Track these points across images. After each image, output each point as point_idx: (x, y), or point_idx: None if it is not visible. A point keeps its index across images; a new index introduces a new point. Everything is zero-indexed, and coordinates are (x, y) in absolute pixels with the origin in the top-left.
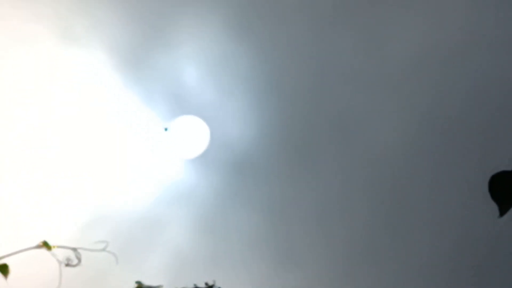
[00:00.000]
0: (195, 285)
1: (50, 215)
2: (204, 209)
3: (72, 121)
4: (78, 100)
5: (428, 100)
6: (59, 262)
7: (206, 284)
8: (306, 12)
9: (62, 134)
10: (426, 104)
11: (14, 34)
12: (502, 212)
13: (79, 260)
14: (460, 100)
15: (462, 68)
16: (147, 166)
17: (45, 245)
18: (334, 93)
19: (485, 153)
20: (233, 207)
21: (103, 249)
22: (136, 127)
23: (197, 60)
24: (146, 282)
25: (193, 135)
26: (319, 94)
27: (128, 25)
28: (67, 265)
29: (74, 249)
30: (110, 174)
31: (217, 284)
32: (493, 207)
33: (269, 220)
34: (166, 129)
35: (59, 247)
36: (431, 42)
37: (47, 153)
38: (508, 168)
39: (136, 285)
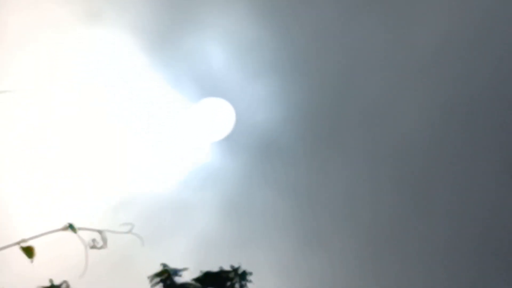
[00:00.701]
0: (220, 267)
1: (76, 198)
2: (231, 192)
3: (99, 103)
4: (105, 82)
5: (454, 86)
6: (85, 245)
7: (232, 267)
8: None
9: (89, 116)
10: (453, 90)
11: (41, 17)
12: None
13: (105, 242)
14: (487, 86)
15: (489, 54)
16: (174, 149)
17: (71, 227)
18: (361, 77)
19: (511, 139)
20: (260, 190)
21: (129, 231)
22: (163, 109)
23: (224, 43)
24: (171, 265)
25: (219, 117)
26: (347, 78)
27: (155, 7)
28: (92, 247)
29: (100, 232)
30: (136, 157)
31: (243, 267)
32: None
33: (295, 203)
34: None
35: (84, 229)
36: (457, 27)
37: (75, 136)
38: None
39: (161, 267)
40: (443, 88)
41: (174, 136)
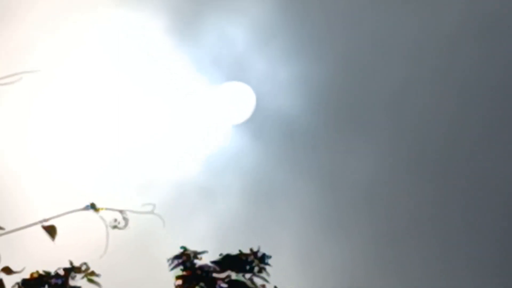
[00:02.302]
0: (240, 250)
1: (99, 178)
2: (252, 175)
3: (123, 84)
4: (130, 62)
5: (476, 71)
6: (106, 224)
7: (251, 250)
8: None
9: (113, 97)
10: (475, 76)
11: None
12: None
13: (126, 222)
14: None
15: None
16: (195, 131)
17: (93, 207)
18: (385, 62)
19: None
20: (281, 174)
21: (151, 212)
22: (185, 91)
23: (246, 27)
24: (191, 247)
25: (239, 100)
26: (370, 63)
27: None
28: (114, 227)
29: (122, 211)
30: (158, 140)
31: (262, 250)
32: None
33: (317, 187)
34: None
35: (106, 209)
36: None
37: (98, 116)
38: None
39: (181, 250)
40: (467, 75)
41: (195, 118)
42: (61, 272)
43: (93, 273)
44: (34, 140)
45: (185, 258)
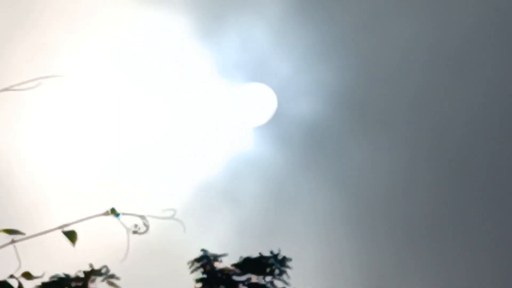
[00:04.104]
0: (260, 253)
1: (119, 183)
2: (273, 179)
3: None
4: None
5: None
6: (127, 229)
7: (271, 252)
8: None
9: (135, 99)
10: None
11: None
12: None
13: (147, 227)
14: None
15: None
16: (217, 133)
17: (113, 212)
18: (409, 65)
19: None
20: (302, 177)
21: (171, 217)
22: (207, 93)
23: (271, 30)
24: (212, 250)
25: (261, 102)
26: (393, 67)
27: None
28: (134, 232)
29: (142, 217)
30: (179, 143)
31: (283, 253)
32: None
33: (338, 191)
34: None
35: (127, 214)
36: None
37: (118, 119)
38: None
39: (201, 253)
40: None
41: (216, 120)
42: (81, 275)
43: (113, 276)
44: (55, 145)
45: (205, 261)
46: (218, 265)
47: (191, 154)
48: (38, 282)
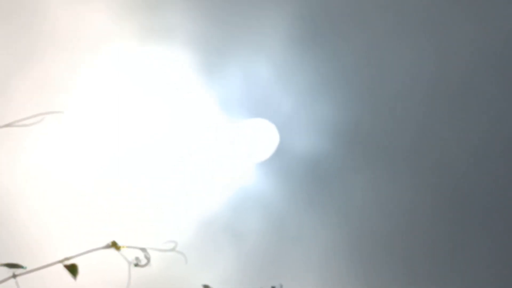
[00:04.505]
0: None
1: (120, 215)
2: (275, 214)
3: (146, 120)
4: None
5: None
6: (128, 262)
7: (273, 287)
8: (387, 14)
9: (133, 132)
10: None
11: (93, 33)
12: None
13: (148, 260)
14: None
15: None
16: (217, 168)
17: (114, 245)
18: (410, 101)
19: None
20: (305, 213)
21: (173, 249)
22: (206, 127)
23: (274, 66)
24: (213, 285)
25: (262, 138)
26: (395, 102)
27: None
28: (136, 265)
29: (143, 249)
30: (179, 175)
31: None
32: None
33: (341, 227)
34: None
35: (128, 247)
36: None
37: (116, 152)
38: None
39: None
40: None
41: (218, 154)
42: None
43: None
44: (56, 179)
45: None
46: None
47: (194, 189)
48: None
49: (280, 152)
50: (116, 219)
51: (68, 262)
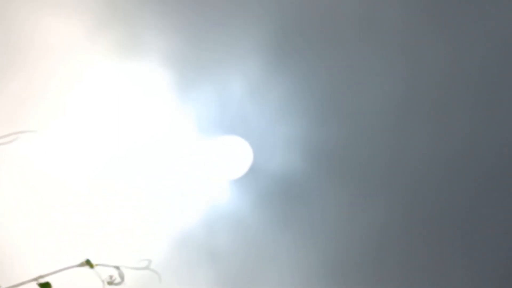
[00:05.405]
0: None
1: (93, 233)
2: (250, 233)
3: (120, 137)
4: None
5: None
6: (102, 281)
7: None
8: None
9: (110, 150)
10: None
11: (67, 48)
12: None
13: (122, 278)
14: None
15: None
16: (191, 186)
17: (88, 263)
18: (384, 121)
19: None
20: (280, 232)
21: (146, 268)
22: (180, 144)
23: (247, 84)
24: None
25: (236, 155)
26: (370, 122)
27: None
28: (109, 283)
29: (117, 267)
30: (153, 193)
31: None
32: None
33: (316, 245)
34: None
35: (101, 265)
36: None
37: (91, 172)
38: None
39: None
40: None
41: (190, 173)
42: None
43: None
44: (28, 198)
45: None
46: None
47: (166, 206)
48: None
49: (254, 170)
50: (90, 237)
51: (42, 280)
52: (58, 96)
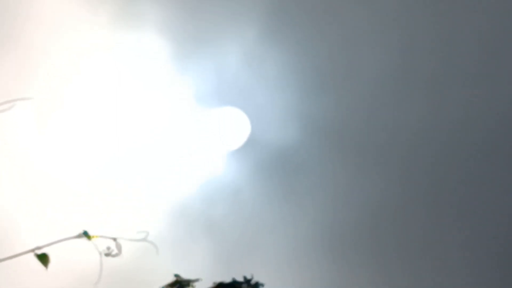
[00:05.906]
0: (233, 278)
1: (91, 205)
2: (247, 205)
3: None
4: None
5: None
6: (100, 252)
7: (245, 278)
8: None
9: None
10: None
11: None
12: None
13: (119, 250)
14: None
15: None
16: (188, 157)
17: (85, 235)
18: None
19: None
20: (277, 203)
21: (144, 239)
22: (178, 115)
23: (245, 55)
24: (184, 275)
25: (233, 127)
26: (369, 95)
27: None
28: (107, 255)
29: (114, 239)
30: (150, 165)
31: (256, 279)
32: None
33: (316, 218)
34: None
35: (99, 237)
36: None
37: (90, 142)
38: None
39: (174, 278)
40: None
41: (188, 144)
42: None
43: None
44: (26, 168)
45: (178, 286)
46: None
47: (164, 178)
48: None
49: (251, 141)
50: (87, 209)
51: (39, 252)
52: (56, 67)
